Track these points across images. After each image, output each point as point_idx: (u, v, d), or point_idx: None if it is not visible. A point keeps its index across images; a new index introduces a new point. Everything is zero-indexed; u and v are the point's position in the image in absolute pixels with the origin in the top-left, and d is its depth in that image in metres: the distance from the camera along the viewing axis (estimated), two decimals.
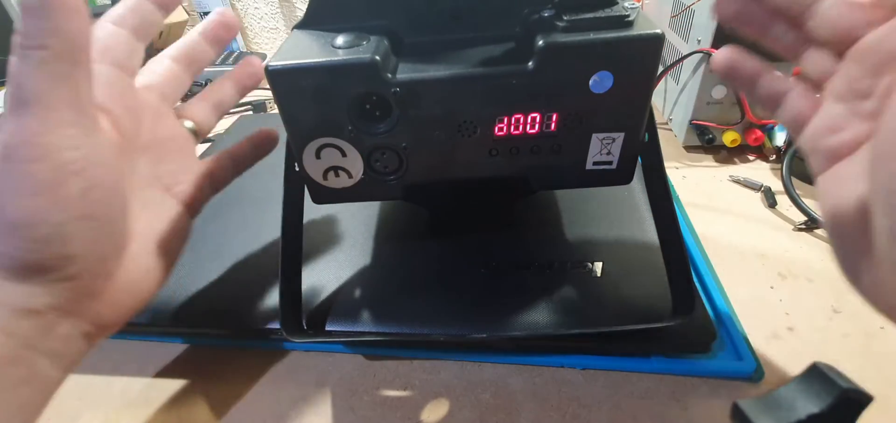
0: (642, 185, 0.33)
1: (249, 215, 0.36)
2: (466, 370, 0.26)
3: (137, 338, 0.30)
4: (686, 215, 0.36)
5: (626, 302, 0.26)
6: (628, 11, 0.20)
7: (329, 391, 0.26)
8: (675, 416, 0.23)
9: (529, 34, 0.21)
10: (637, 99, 0.21)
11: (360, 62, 0.20)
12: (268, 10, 0.91)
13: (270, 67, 0.20)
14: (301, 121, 0.22)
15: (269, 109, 0.68)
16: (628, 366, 0.25)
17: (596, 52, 0.20)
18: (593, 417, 0.23)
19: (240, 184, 0.41)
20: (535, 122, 0.22)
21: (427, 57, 0.22)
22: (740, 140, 0.42)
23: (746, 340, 0.26)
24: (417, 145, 0.23)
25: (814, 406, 0.12)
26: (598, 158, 0.23)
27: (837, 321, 0.27)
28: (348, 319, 0.27)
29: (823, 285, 0.29)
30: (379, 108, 0.21)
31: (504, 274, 0.28)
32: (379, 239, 0.32)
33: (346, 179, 0.24)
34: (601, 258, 0.28)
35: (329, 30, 0.22)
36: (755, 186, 0.39)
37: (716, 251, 0.32)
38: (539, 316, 0.25)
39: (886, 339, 0.26)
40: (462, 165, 0.24)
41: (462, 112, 0.22)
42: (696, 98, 0.42)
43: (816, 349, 0.25)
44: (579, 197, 0.33)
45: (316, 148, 0.23)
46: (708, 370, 0.24)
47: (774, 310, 0.28)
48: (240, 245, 0.33)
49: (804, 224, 0.34)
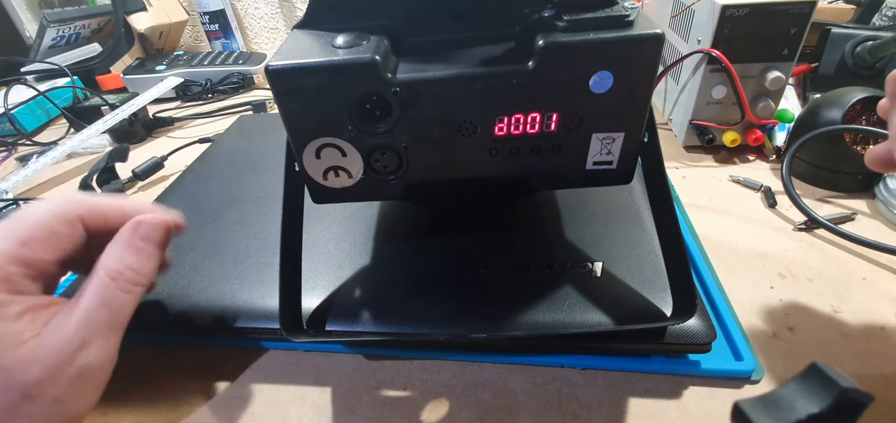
0: (642, 185, 0.33)
1: (249, 214, 0.36)
2: (466, 370, 0.26)
3: (137, 338, 0.30)
4: (686, 214, 0.36)
5: (626, 302, 0.26)
6: (628, 11, 0.20)
7: (329, 390, 0.26)
8: (675, 416, 0.23)
9: (529, 34, 0.21)
10: (637, 99, 0.21)
11: (361, 62, 0.20)
12: (268, 10, 0.91)
13: (270, 67, 0.20)
14: (301, 121, 0.22)
15: (269, 108, 0.68)
16: (628, 366, 0.25)
17: (596, 51, 0.20)
18: (593, 417, 0.23)
19: (240, 184, 0.41)
20: (536, 122, 0.22)
21: (427, 57, 0.22)
22: (740, 140, 0.42)
23: (746, 340, 0.26)
24: (417, 145, 0.23)
25: (814, 406, 0.12)
26: (598, 158, 0.23)
27: (837, 321, 0.27)
28: (348, 319, 0.27)
29: (823, 285, 0.29)
30: (379, 108, 0.21)
31: (504, 274, 0.28)
32: (379, 239, 0.32)
33: (346, 179, 0.24)
34: (601, 258, 0.28)
35: (329, 30, 0.22)
36: (755, 186, 0.39)
37: (716, 251, 0.32)
38: (539, 316, 0.25)
39: (886, 339, 0.26)
40: (462, 165, 0.24)
41: (462, 112, 0.22)
42: (696, 98, 0.42)
43: (816, 349, 0.25)
44: (579, 197, 0.33)
45: (316, 148, 0.23)
46: (708, 370, 0.24)
47: (774, 310, 0.28)
48: (240, 245, 0.32)
49: (804, 224, 0.34)
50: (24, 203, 0.46)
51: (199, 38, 0.99)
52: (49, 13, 0.73)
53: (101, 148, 0.59)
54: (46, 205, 0.20)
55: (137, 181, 0.49)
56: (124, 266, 0.20)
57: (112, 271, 0.20)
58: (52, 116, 0.69)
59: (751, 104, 0.41)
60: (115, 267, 0.20)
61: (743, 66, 0.39)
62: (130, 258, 0.21)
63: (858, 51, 0.44)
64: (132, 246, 0.21)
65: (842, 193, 0.37)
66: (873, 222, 0.34)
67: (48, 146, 0.58)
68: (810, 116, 0.38)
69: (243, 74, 0.76)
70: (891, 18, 0.56)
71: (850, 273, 0.30)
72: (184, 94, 0.74)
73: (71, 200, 0.21)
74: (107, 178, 0.47)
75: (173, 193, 0.41)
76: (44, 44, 0.74)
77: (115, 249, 0.21)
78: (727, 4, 0.37)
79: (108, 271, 0.20)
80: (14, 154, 0.61)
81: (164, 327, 0.29)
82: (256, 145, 0.48)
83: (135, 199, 0.34)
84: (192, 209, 0.38)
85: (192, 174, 0.44)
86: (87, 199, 0.21)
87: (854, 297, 0.28)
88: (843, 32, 0.45)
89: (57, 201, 0.21)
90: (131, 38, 0.83)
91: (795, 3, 0.36)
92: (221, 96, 0.74)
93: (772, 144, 0.43)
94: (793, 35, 0.38)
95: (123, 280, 0.20)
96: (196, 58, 0.80)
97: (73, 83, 0.68)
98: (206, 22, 0.87)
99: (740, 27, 0.38)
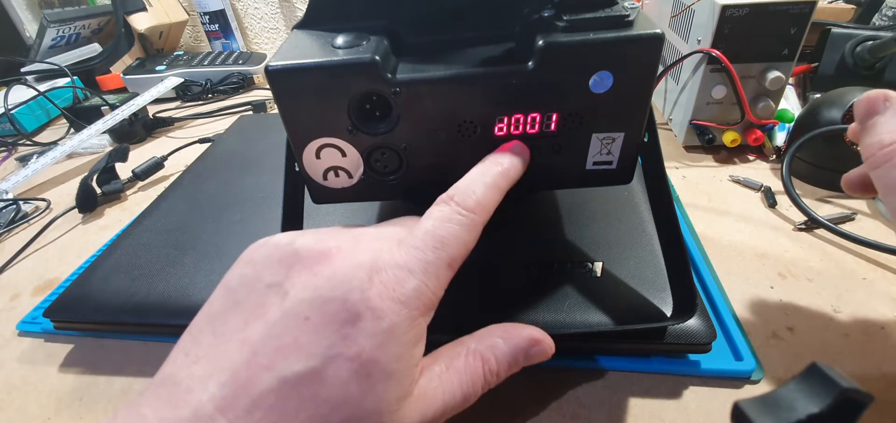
0: (642, 185, 0.33)
1: (249, 214, 0.36)
2: None
3: (137, 338, 0.30)
4: (686, 214, 0.36)
5: (626, 302, 0.26)
6: (628, 11, 0.20)
7: None
8: (674, 416, 0.23)
9: (529, 34, 0.21)
10: (637, 99, 0.21)
11: (361, 62, 0.20)
12: (268, 10, 0.91)
13: (270, 67, 0.20)
14: (301, 121, 0.22)
15: (269, 108, 0.68)
16: (628, 366, 0.25)
17: (596, 51, 0.20)
18: (593, 417, 0.23)
19: (240, 184, 0.41)
20: (535, 122, 0.22)
21: (427, 57, 0.22)
22: (740, 140, 0.42)
23: (746, 340, 0.26)
24: (418, 145, 0.23)
25: (814, 406, 0.12)
26: (598, 158, 0.23)
27: (837, 321, 0.27)
28: None
29: (823, 285, 0.29)
30: (379, 108, 0.21)
31: (503, 274, 0.28)
32: None
33: (346, 179, 0.24)
34: (601, 258, 0.28)
35: (329, 30, 0.22)
36: (755, 186, 0.39)
37: (716, 251, 0.32)
38: (539, 316, 0.25)
39: (886, 339, 0.26)
40: (462, 166, 0.24)
41: (462, 112, 0.21)
42: (696, 98, 0.42)
43: (816, 349, 0.25)
44: (579, 197, 0.33)
45: (316, 148, 0.23)
46: (708, 370, 0.24)
47: (774, 310, 0.28)
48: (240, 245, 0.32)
49: (804, 224, 0.34)
50: (24, 203, 0.47)
51: (199, 38, 0.99)
52: (49, 13, 0.73)
53: (101, 148, 0.59)
54: (463, 219, 0.18)
55: (137, 181, 0.49)
56: (497, 366, 0.19)
57: (487, 360, 0.19)
58: (53, 116, 0.69)
59: (751, 104, 0.41)
60: (490, 359, 0.19)
61: (743, 66, 0.39)
62: (506, 364, 0.19)
63: (858, 51, 0.44)
64: (518, 361, 0.19)
65: (842, 194, 0.37)
66: (873, 222, 0.34)
67: (48, 146, 0.58)
68: (810, 116, 0.38)
69: (243, 74, 0.76)
70: (891, 18, 0.56)
71: (850, 273, 0.30)
72: (184, 94, 0.74)
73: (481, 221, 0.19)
74: (107, 178, 0.47)
75: (173, 194, 0.41)
76: (44, 44, 0.74)
77: (500, 345, 0.19)
78: (727, 4, 0.37)
79: (485, 358, 0.19)
80: (14, 154, 0.61)
81: (164, 327, 0.29)
82: (256, 145, 0.48)
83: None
84: (192, 209, 0.38)
85: (192, 174, 0.44)
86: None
87: (854, 297, 0.28)
88: (843, 32, 0.45)
89: (477, 213, 0.19)
90: (131, 38, 0.83)
91: (795, 3, 0.36)
92: (221, 96, 0.74)
93: (772, 144, 0.43)
94: (793, 35, 0.38)
95: (487, 376, 0.19)
96: (196, 58, 0.80)
97: (73, 83, 0.68)
98: (206, 22, 0.87)
99: (740, 27, 0.38)
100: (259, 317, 0.16)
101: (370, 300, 0.16)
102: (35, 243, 0.41)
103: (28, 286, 0.36)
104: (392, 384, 0.16)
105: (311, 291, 0.16)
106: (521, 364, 0.20)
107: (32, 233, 0.42)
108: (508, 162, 0.21)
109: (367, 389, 0.15)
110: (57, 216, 0.44)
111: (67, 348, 0.30)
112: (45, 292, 0.35)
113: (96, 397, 0.27)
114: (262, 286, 0.17)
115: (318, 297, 0.16)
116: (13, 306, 0.34)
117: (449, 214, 0.18)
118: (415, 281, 0.17)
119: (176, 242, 0.34)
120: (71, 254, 0.40)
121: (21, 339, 0.31)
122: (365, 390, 0.15)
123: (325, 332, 0.15)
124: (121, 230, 0.38)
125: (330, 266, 0.17)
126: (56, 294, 0.34)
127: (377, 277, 0.16)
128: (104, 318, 0.29)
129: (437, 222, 0.18)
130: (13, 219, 0.45)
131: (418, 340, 0.17)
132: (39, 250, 0.41)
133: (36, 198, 0.48)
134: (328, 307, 0.16)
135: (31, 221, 0.45)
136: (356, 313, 0.15)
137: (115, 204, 0.47)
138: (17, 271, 0.38)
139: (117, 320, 0.29)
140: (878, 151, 0.20)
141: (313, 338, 0.15)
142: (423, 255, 0.17)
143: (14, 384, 0.28)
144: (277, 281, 0.17)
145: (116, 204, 0.47)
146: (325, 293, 0.16)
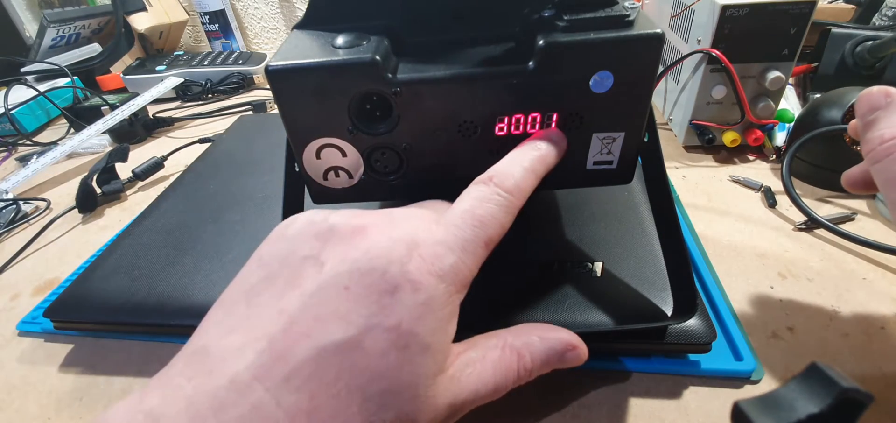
0: (642, 185, 0.33)
1: (249, 215, 0.36)
2: None
3: (137, 338, 0.30)
4: (686, 214, 0.36)
5: (626, 302, 0.26)
6: (628, 11, 0.20)
7: None
8: (675, 416, 0.23)
9: (530, 34, 0.21)
10: (637, 99, 0.21)
11: (361, 62, 0.20)
12: (268, 10, 0.91)
13: (270, 67, 0.20)
14: (301, 121, 0.22)
15: (269, 108, 0.68)
16: (628, 366, 0.25)
17: (596, 51, 0.20)
18: (593, 417, 0.23)
19: (240, 184, 0.41)
20: (536, 122, 0.22)
21: (428, 57, 0.22)
22: (740, 140, 0.42)
23: (746, 340, 0.26)
24: (418, 146, 0.23)
25: (814, 406, 0.12)
26: (598, 158, 0.23)
27: (837, 321, 0.27)
28: None
29: (823, 285, 0.29)
30: (379, 108, 0.21)
31: (503, 274, 0.28)
32: None
33: (347, 180, 0.24)
34: (601, 258, 0.28)
35: (329, 30, 0.22)
36: (755, 186, 0.39)
37: (716, 251, 0.32)
38: (539, 316, 0.25)
39: (886, 339, 0.26)
40: (462, 166, 0.24)
41: (463, 112, 0.22)
42: (696, 98, 0.42)
43: (816, 349, 0.25)
44: (579, 197, 0.33)
45: (316, 148, 0.23)
46: (708, 370, 0.24)
47: (774, 310, 0.28)
48: (240, 245, 0.32)
49: (804, 224, 0.34)
50: (24, 203, 0.47)
51: (199, 38, 0.99)
52: (49, 13, 0.73)
53: (101, 148, 0.59)
54: (501, 199, 0.18)
55: (137, 181, 0.49)
56: (531, 364, 0.19)
57: (522, 357, 0.18)
58: (53, 116, 0.69)
59: (751, 104, 0.41)
60: (526, 357, 0.19)
61: (743, 66, 0.39)
62: (539, 363, 0.19)
63: (858, 51, 0.44)
64: (551, 363, 0.19)
65: (842, 194, 0.37)
66: (873, 222, 0.34)
67: (48, 146, 0.58)
68: (810, 116, 0.38)
69: (243, 74, 0.76)
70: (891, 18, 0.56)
71: (850, 273, 0.30)
72: (184, 94, 0.74)
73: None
74: (107, 178, 0.47)
75: (173, 194, 0.41)
76: (44, 44, 0.74)
77: (536, 344, 0.19)
78: (727, 4, 0.37)
79: (520, 354, 0.19)
80: (14, 154, 0.61)
81: (164, 328, 0.29)
82: (256, 145, 0.48)
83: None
84: (192, 209, 0.38)
85: (192, 174, 0.44)
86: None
87: (854, 297, 0.28)
88: (843, 32, 0.45)
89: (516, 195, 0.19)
90: (131, 38, 0.83)
91: (795, 3, 0.36)
92: (221, 96, 0.74)
93: (772, 144, 0.43)
94: (793, 35, 0.38)
95: (521, 372, 0.19)
96: (196, 58, 0.80)
97: (73, 83, 0.68)
98: (206, 22, 0.87)
99: (740, 27, 0.38)
100: (295, 287, 0.16)
101: (409, 273, 0.16)
102: (35, 243, 0.41)
103: (28, 286, 0.36)
104: (428, 358, 0.16)
105: (349, 263, 0.16)
106: (553, 366, 0.20)
107: (32, 233, 0.42)
108: (546, 147, 0.21)
109: (404, 361, 0.15)
110: (57, 216, 0.44)
111: (67, 349, 0.30)
112: (45, 292, 0.35)
113: (96, 397, 0.27)
114: (296, 259, 0.17)
115: (357, 268, 0.16)
116: (13, 306, 0.34)
117: (488, 194, 0.18)
118: (453, 257, 0.17)
119: (176, 242, 0.34)
120: (71, 254, 0.40)
121: (21, 339, 0.31)
122: (402, 361, 0.15)
123: (364, 302, 0.15)
124: (121, 230, 0.38)
125: (366, 240, 0.17)
126: (56, 294, 0.34)
127: (416, 251, 0.16)
128: (104, 318, 0.29)
129: (475, 202, 0.18)
130: (13, 219, 0.45)
131: (453, 316, 0.17)
132: (39, 250, 0.41)
133: (36, 198, 0.48)
134: (367, 278, 0.16)
135: (31, 221, 0.45)
136: (395, 285, 0.16)
137: (115, 204, 0.47)
138: (17, 271, 0.38)
139: (117, 321, 0.29)
140: (878, 145, 0.20)
141: (352, 307, 0.15)
142: (461, 232, 0.17)
143: (14, 384, 0.28)
144: (313, 253, 0.17)
145: (116, 204, 0.47)
146: (364, 265, 0.16)
